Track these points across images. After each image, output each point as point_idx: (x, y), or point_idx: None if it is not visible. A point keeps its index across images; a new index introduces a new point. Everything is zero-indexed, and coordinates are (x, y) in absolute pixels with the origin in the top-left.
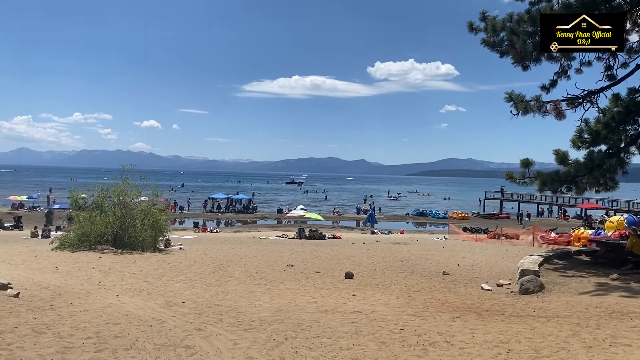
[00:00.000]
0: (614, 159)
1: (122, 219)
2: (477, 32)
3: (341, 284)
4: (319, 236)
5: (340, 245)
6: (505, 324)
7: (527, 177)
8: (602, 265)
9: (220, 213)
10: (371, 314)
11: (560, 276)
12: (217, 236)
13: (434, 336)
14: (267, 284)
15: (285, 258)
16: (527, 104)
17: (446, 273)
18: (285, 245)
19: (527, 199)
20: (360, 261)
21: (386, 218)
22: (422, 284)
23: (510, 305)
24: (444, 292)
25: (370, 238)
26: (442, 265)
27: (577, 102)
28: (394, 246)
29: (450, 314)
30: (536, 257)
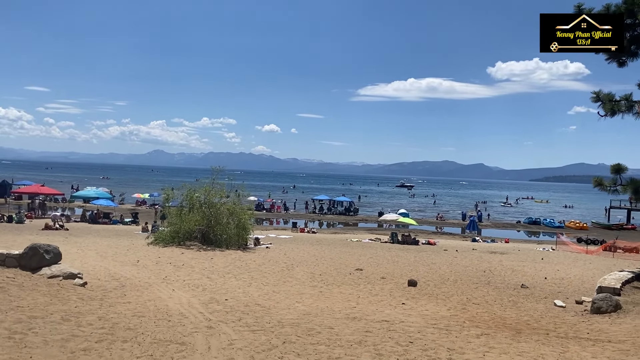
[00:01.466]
0: None
1: (209, 217)
2: None
3: (399, 292)
4: (412, 241)
5: (429, 251)
6: (536, 344)
7: (618, 184)
8: None
9: (322, 214)
10: (397, 324)
11: None
12: (312, 237)
13: (440, 352)
14: (324, 286)
15: (360, 261)
16: (614, 104)
17: (525, 286)
18: (371, 249)
19: None
20: (438, 269)
21: (494, 225)
22: (489, 296)
23: (569, 324)
24: (507, 306)
25: (468, 245)
26: (527, 278)
27: None
28: (487, 255)
29: (487, 329)
30: (625, 273)
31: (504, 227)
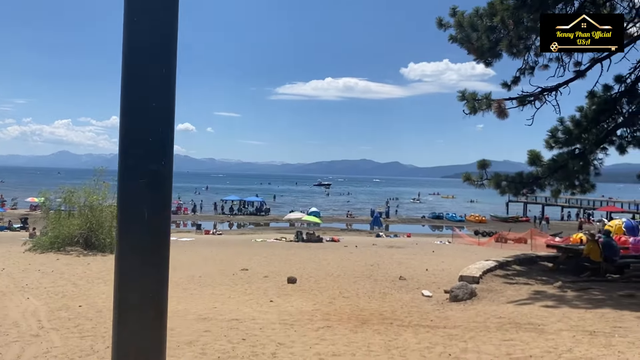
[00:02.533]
0: (577, 160)
1: (91, 220)
2: (447, 29)
3: (275, 290)
4: (316, 239)
5: (329, 248)
6: (372, 334)
7: (484, 179)
8: (562, 272)
9: (233, 215)
10: (246, 323)
11: (503, 283)
12: (215, 239)
13: (268, 347)
14: (197, 288)
15: (251, 262)
16: (475, 102)
17: (403, 278)
18: (271, 248)
19: (552, 202)
20: (327, 265)
21: (401, 221)
22: (362, 289)
23: (421, 313)
24: (375, 298)
25: (371, 241)
26: (410, 270)
27: (527, 101)
28: (383, 249)
29: (336, 322)
30: (489, 262)
31: (409, 222)
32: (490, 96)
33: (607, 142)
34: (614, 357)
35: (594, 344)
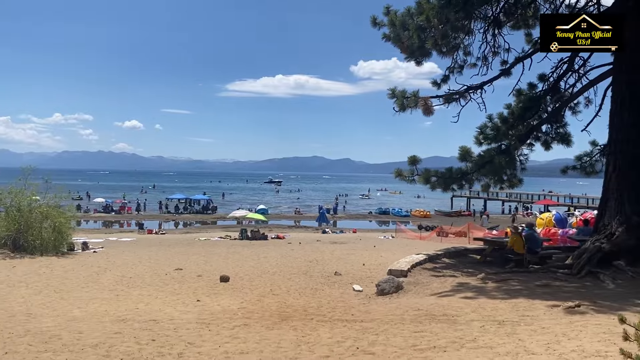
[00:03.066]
0: (503, 155)
1: (19, 221)
2: (381, 27)
3: (205, 289)
4: (261, 237)
5: (272, 246)
6: (288, 330)
7: (415, 174)
8: (489, 264)
9: (178, 214)
10: (162, 323)
11: (431, 276)
12: (158, 238)
13: (177, 347)
14: (124, 290)
15: (188, 261)
16: (404, 100)
17: (338, 274)
18: (213, 247)
19: (493, 197)
20: (265, 263)
21: (348, 217)
22: (295, 286)
23: (346, 308)
24: (305, 294)
25: (316, 237)
26: (347, 265)
27: (452, 99)
28: (325, 245)
29: (256, 320)
30: (420, 256)
31: (356, 218)
32: (418, 94)
33: (533, 138)
34: (513, 344)
35: (499, 333)
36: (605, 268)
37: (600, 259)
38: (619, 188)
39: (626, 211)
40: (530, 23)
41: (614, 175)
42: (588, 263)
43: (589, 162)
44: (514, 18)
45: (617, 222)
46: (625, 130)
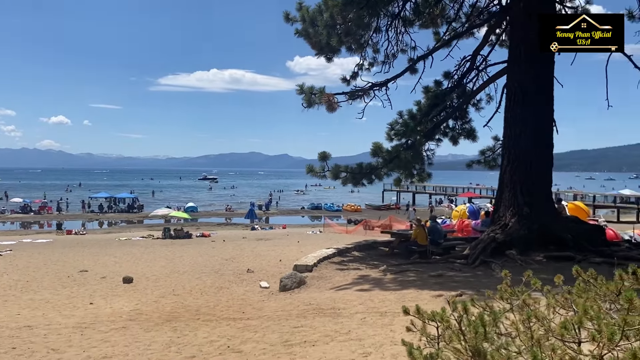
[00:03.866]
0: (409, 151)
1: None
2: (294, 23)
3: (105, 291)
4: (185, 235)
5: (194, 244)
6: (166, 331)
7: (326, 170)
8: (396, 256)
9: (102, 213)
10: (36, 329)
11: (336, 269)
12: (76, 239)
13: (38, 353)
14: (16, 294)
15: (98, 262)
16: (311, 96)
17: (250, 271)
18: (130, 247)
19: (421, 190)
20: (178, 262)
21: (280, 213)
22: (200, 285)
23: (242, 306)
24: (208, 293)
25: (243, 234)
26: (264, 262)
27: (356, 95)
28: (249, 242)
29: (140, 322)
30: (330, 250)
31: (289, 213)
32: (324, 90)
33: (441, 134)
34: (383, 335)
35: (376, 324)
36: (498, 257)
37: (493, 249)
38: (512, 181)
39: (519, 203)
40: (438, 22)
41: (508, 168)
42: (482, 253)
43: (492, 156)
44: (422, 17)
45: (510, 213)
46: (517, 126)
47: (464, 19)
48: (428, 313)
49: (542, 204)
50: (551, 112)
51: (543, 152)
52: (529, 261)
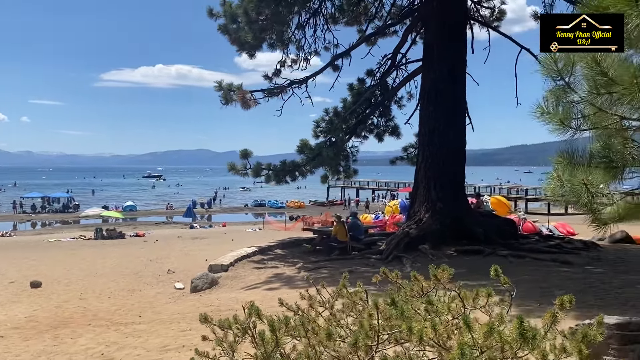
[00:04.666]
0: (331, 148)
1: None
2: (218, 18)
3: (8, 297)
4: (117, 235)
5: (123, 245)
6: (45, 339)
7: (248, 168)
8: (317, 253)
9: (35, 214)
10: None
11: (253, 268)
12: (1, 241)
13: None
14: None
15: (8, 267)
16: (228, 93)
17: (171, 272)
18: (56, 249)
19: (364, 186)
20: (99, 264)
21: (223, 210)
22: (114, 287)
23: (143, 309)
24: (116, 297)
25: (179, 233)
26: (189, 262)
27: (274, 92)
28: (181, 242)
29: (21, 330)
30: (251, 249)
31: (232, 211)
32: (241, 87)
33: (367, 131)
34: None
35: None
36: (411, 252)
37: (407, 244)
38: (426, 177)
39: (432, 198)
40: (362, 20)
41: (423, 165)
42: (396, 248)
43: (414, 152)
44: (346, 14)
45: (424, 208)
46: (430, 123)
47: (386, 17)
48: (221, 320)
49: (455, 199)
50: (463, 110)
51: (456, 149)
52: (440, 255)
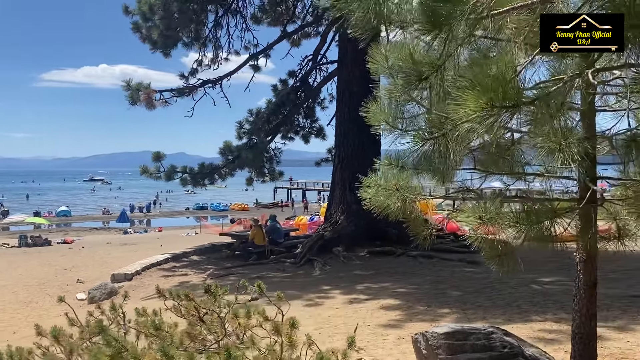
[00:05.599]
0: (251, 150)
1: None
2: (134, 16)
3: None
4: (43, 242)
5: (44, 253)
6: None
7: (161, 171)
8: (235, 258)
9: None
10: None
11: (161, 277)
12: None
13: None
14: None
15: None
16: (136, 93)
17: (81, 281)
18: None
19: (310, 187)
20: (6, 275)
21: (163, 214)
22: (12, 299)
23: (27, 323)
24: (8, 310)
25: (112, 239)
26: (105, 271)
27: (183, 92)
28: (107, 248)
29: None
30: (164, 255)
31: (172, 215)
32: (149, 86)
33: (293, 132)
34: None
35: None
36: (324, 255)
37: (320, 247)
38: (342, 178)
39: (348, 200)
40: (284, 20)
41: (339, 166)
42: (309, 251)
43: None
44: (269, 15)
45: (340, 210)
46: (345, 124)
47: (304, 17)
48: None
49: None
50: None
51: (371, 150)
52: (352, 257)
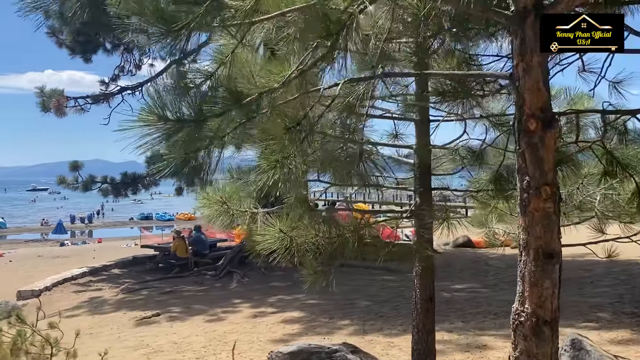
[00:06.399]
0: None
1: None
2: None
3: None
4: None
5: None
6: None
7: (80, 181)
8: (158, 271)
9: None
10: None
11: (73, 292)
12: None
13: None
14: None
15: None
16: (48, 100)
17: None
18: None
19: None
20: None
21: (105, 225)
22: None
23: None
24: None
25: (47, 252)
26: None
27: (99, 99)
28: (34, 262)
29: None
30: (81, 270)
31: (115, 225)
32: (63, 93)
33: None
34: None
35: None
36: (244, 267)
37: (242, 258)
38: None
39: None
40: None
41: None
42: (229, 263)
43: None
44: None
45: None
46: None
47: None
48: None
49: None
50: None
51: None
52: (274, 268)
